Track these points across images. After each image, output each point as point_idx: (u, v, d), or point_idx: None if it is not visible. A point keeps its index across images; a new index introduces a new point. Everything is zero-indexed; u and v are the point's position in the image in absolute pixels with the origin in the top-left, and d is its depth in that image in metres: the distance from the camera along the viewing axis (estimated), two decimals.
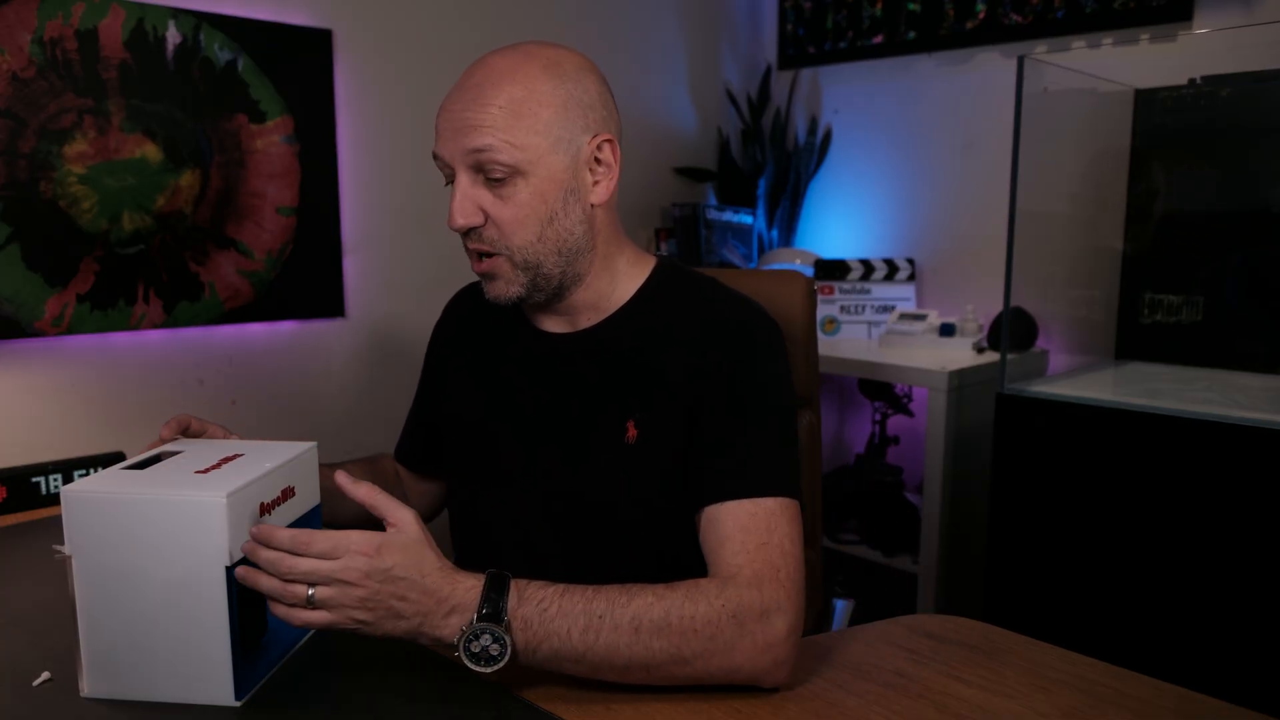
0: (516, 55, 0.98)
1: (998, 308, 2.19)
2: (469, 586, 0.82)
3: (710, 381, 0.99)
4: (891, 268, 2.62)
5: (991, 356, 2.26)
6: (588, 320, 1.06)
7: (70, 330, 1.71)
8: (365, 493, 0.84)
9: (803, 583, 0.90)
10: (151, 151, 1.77)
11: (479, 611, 0.81)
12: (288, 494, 0.91)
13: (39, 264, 1.66)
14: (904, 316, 2.49)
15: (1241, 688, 0.98)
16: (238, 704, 0.83)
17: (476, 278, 1.05)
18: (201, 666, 0.82)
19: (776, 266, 2.69)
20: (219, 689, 0.83)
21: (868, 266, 2.62)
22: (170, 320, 1.82)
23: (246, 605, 0.84)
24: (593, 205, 1.01)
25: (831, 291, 2.62)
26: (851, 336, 2.63)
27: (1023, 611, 1.93)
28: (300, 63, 1.95)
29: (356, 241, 2.10)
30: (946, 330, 2.37)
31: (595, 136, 0.99)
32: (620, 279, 1.07)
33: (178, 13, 1.78)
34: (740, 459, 0.95)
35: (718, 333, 1.02)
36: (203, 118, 1.82)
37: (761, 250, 2.91)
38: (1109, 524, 1.79)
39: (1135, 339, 2.17)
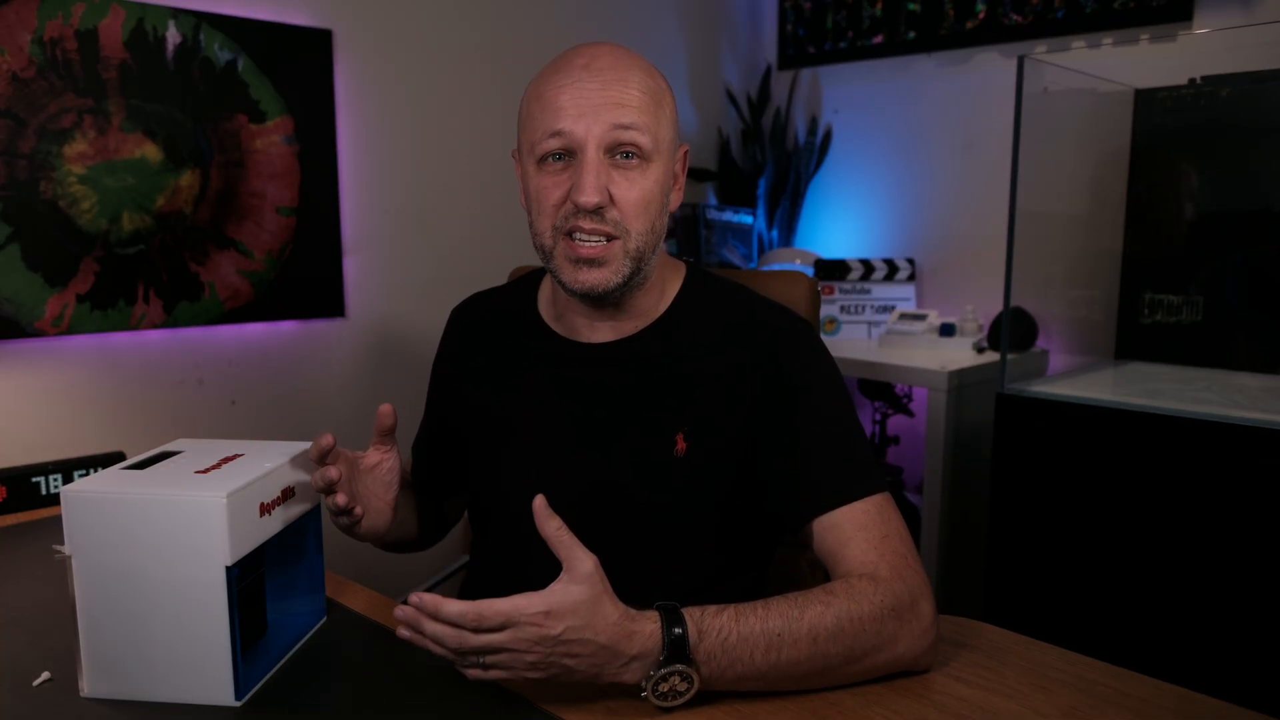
0: (624, 49, 1.00)
1: (998, 308, 2.19)
2: (647, 634, 0.80)
3: (775, 390, 1.00)
4: (891, 268, 2.62)
5: (991, 356, 2.26)
6: (634, 327, 1.05)
7: (70, 330, 1.71)
8: (554, 530, 0.81)
9: (921, 563, 0.93)
10: (151, 151, 1.77)
11: (662, 656, 0.80)
12: (288, 494, 0.91)
13: (39, 264, 1.66)
14: (904, 316, 2.49)
15: (1241, 688, 0.98)
16: (238, 704, 0.83)
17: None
18: (201, 666, 0.82)
19: (776, 267, 2.69)
20: (219, 689, 0.83)
21: (868, 266, 2.62)
22: (170, 320, 1.82)
23: (247, 605, 0.84)
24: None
25: (832, 291, 2.62)
26: (851, 336, 2.63)
27: (1023, 611, 1.93)
28: (300, 63, 1.95)
29: (356, 241, 2.10)
30: (946, 330, 2.37)
31: (681, 145, 1.04)
32: (665, 286, 1.07)
33: (178, 13, 1.78)
34: (839, 465, 0.97)
35: (771, 340, 1.02)
36: (203, 118, 1.83)
37: (761, 250, 2.91)
38: (1109, 524, 1.79)
39: (1135, 339, 2.17)
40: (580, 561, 0.80)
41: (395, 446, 1.03)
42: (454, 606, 0.77)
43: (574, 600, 0.78)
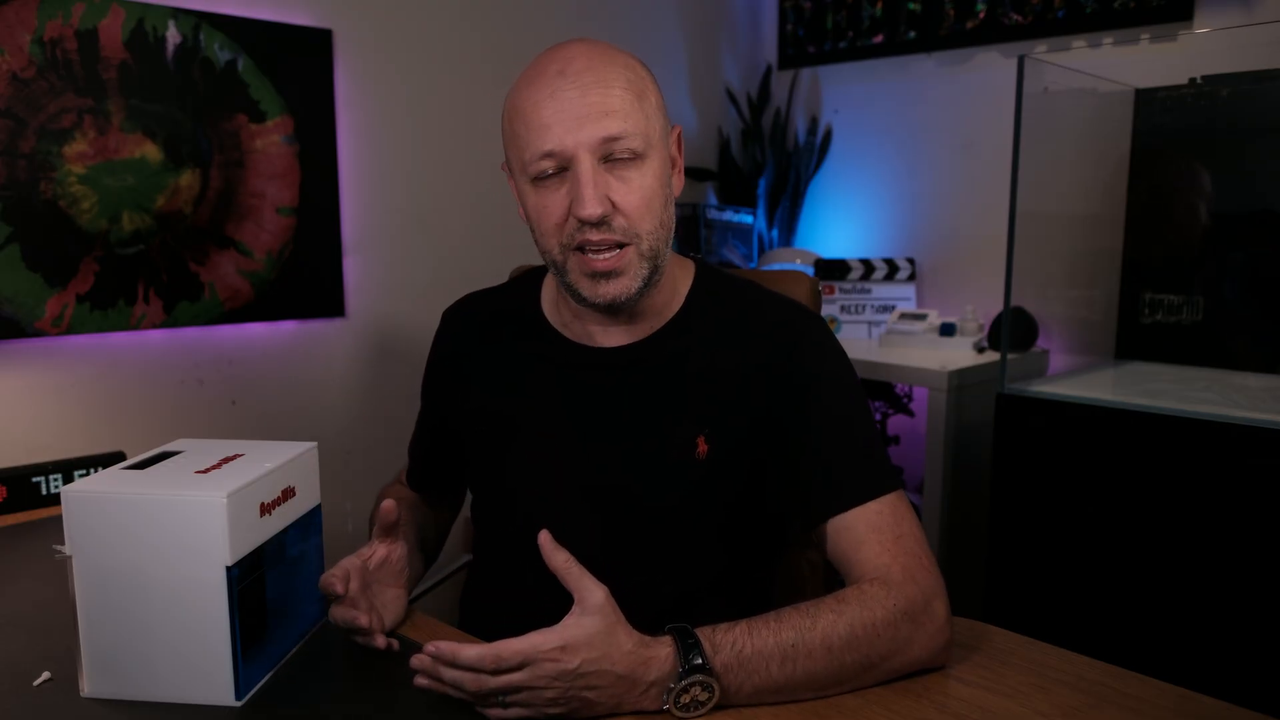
0: (601, 44, 0.97)
1: (998, 308, 2.19)
2: (663, 658, 0.81)
3: (788, 390, 0.99)
4: (892, 267, 2.62)
5: (991, 356, 2.26)
6: (648, 328, 1.03)
7: (70, 330, 1.71)
8: (562, 562, 0.82)
9: (935, 560, 0.94)
10: (151, 151, 1.77)
11: (679, 671, 0.80)
12: (288, 494, 0.91)
13: (39, 264, 1.66)
14: (904, 316, 2.49)
15: (1241, 688, 0.98)
16: (238, 704, 0.83)
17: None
18: (202, 666, 0.82)
19: (777, 266, 2.69)
20: (219, 689, 0.83)
21: (868, 266, 2.62)
22: (170, 320, 1.82)
23: (247, 605, 0.84)
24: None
25: (832, 291, 2.62)
26: (852, 336, 2.63)
27: (1023, 611, 1.93)
28: (300, 63, 1.95)
29: (356, 241, 2.10)
30: (946, 330, 2.37)
31: (674, 128, 1.01)
32: (676, 284, 1.05)
33: (178, 13, 1.78)
34: (852, 465, 0.96)
35: (788, 339, 1.01)
36: (203, 118, 1.82)
37: (761, 250, 2.91)
38: (1109, 524, 1.79)
39: (1135, 339, 2.17)
40: (591, 593, 0.80)
41: (400, 538, 1.03)
42: (471, 652, 0.77)
43: (588, 633, 0.78)
